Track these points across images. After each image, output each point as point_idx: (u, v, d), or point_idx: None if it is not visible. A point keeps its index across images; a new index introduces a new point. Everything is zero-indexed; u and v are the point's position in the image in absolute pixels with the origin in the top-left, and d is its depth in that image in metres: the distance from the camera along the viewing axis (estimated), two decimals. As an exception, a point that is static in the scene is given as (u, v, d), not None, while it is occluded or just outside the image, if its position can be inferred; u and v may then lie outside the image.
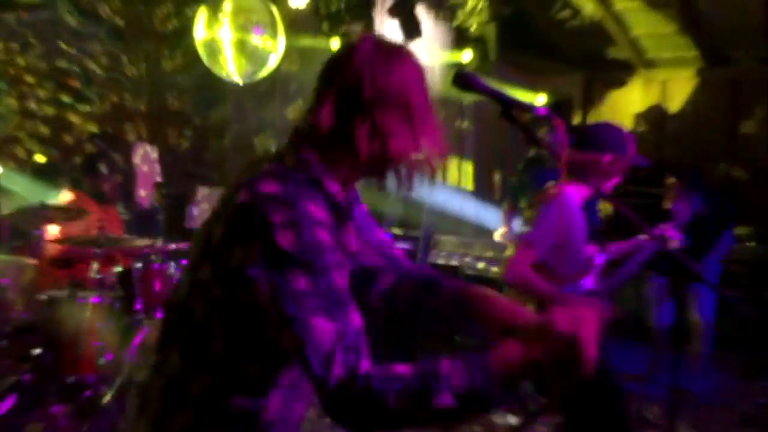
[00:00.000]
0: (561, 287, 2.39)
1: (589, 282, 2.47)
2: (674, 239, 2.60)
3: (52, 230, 3.99)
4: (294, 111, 7.01)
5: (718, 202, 4.15)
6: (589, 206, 2.54)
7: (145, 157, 6.21)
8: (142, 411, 1.26)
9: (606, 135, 2.49)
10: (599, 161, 2.42)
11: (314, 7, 5.90)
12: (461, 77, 1.44)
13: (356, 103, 1.17)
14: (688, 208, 2.75)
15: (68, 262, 3.97)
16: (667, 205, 4.05)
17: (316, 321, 1.03)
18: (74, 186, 4.25)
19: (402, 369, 1.03)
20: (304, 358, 1.03)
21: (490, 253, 4.38)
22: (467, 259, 4.42)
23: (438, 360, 1.04)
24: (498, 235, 4.55)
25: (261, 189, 1.11)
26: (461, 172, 6.51)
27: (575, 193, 2.46)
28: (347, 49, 1.23)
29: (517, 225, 4.67)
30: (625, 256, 2.61)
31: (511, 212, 4.65)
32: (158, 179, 6.11)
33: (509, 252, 2.32)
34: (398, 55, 1.22)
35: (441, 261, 4.62)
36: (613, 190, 2.53)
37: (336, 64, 1.22)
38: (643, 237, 2.62)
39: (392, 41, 1.26)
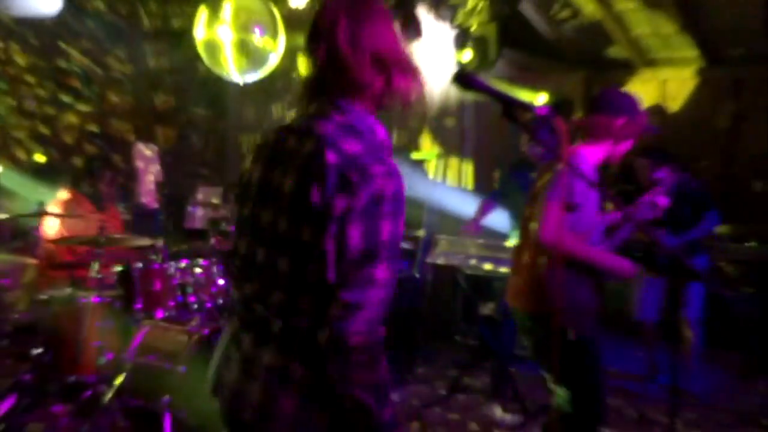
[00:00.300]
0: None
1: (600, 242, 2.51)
2: (662, 204, 2.66)
3: (50, 225, 3.98)
4: (279, 110, 7.01)
5: (692, 190, 4.16)
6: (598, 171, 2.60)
7: (145, 157, 6.21)
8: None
9: (620, 99, 2.56)
10: (612, 123, 2.49)
11: (314, 6, 5.91)
12: (462, 77, 1.45)
13: (356, 49, 1.33)
14: (672, 174, 2.78)
15: (68, 264, 3.96)
16: (643, 180, 4.09)
17: (381, 272, 1.22)
18: (74, 186, 4.23)
19: (384, 366, 1.25)
20: (355, 291, 1.21)
21: (489, 253, 4.37)
22: (467, 259, 4.41)
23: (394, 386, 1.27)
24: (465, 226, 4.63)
25: (347, 148, 1.26)
26: (461, 171, 6.51)
27: (589, 154, 2.52)
28: (324, 9, 1.39)
29: (491, 221, 4.69)
30: (618, 224, 2.67)
31: (487, 209, 4.67)
32: (158, 179, 6.12)
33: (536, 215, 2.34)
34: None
35: (441, 261, 4.61)
36: (625, 155, 2.59)
37: (322, 23, 1.38)
38: (633, 206, 2.69)
39: None
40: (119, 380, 3.24)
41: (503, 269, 4.18)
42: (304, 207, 1.25)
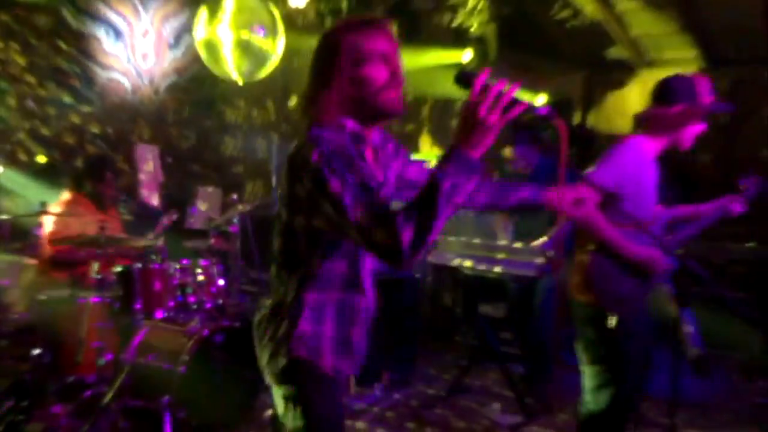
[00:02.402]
0: (626, 231, 2.44)
1: (653, 232, 2.52)
2: (737, 211, 2.74)
3: (49, 223, 3.97)
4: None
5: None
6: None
7: (145, 157, 6.21)
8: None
9: (674, 86, 2.51)
10: (667, 113, 2.47)
11: (314, 6, 5.91)
12: (463, 76, 1.45)
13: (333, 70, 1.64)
14: (757, 184, 2.81)
15: (68, 264, 3.95)
16: None
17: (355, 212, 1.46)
18: (77, 187, 4.20)
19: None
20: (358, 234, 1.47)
21: (489, 254, 4.36)
22: (467, 259, 4.41)
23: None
24: (502, 240, 4.50)
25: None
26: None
27: (648, 144, 2.51)
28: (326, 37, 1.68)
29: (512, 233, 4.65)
30: (688, 219, 2.69)
31: (507, 221, 4.59)
32: (159, 179, 6.12)
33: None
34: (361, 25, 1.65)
35: (441, 261, 4.61)
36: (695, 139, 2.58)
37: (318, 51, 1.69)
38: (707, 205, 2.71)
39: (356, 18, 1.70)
40: (119, 380, 3.24)
41: (503, 269, 4.18)
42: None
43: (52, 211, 3.96)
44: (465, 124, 1.43)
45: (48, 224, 3.99)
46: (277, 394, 1.71)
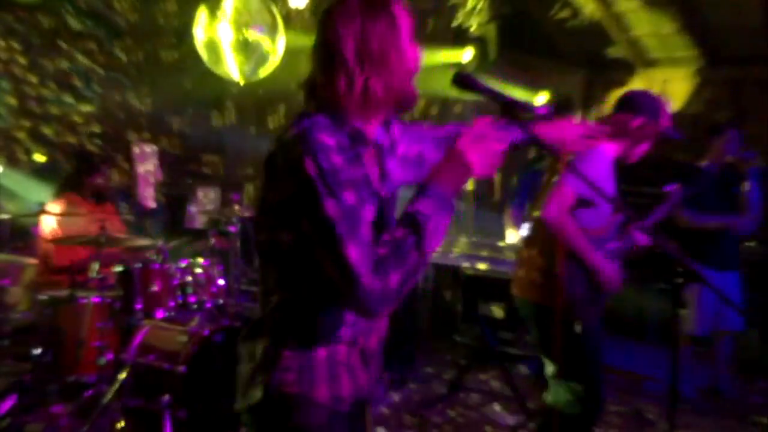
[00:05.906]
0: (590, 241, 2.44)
1: (611, 242, 2.53)
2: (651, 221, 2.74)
3: (48, 225, 3.95)
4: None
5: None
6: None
7: (145, 157, 6.20)
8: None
9: (640, 99, 2.58)
10: (627, 123, 2.51)
11: (315, 7, 5.90)
12: (461, 78, 1.45)
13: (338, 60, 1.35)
14: (680, 190, 2.86)
15: (68, 269, 3.94)
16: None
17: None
18: (66, 188, 4.16)
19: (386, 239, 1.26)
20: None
21: (489, 253, 4.37)
22: (466, 259, 4.42)
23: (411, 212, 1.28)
24: (515, 239, 4.46)
25: None
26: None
27: (611, 151, 2.54)
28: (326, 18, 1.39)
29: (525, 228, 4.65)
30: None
31: (518, 216, 4.57)
32: (158, 179, 6.11)
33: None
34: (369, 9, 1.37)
35: (441, 261, 4.62)
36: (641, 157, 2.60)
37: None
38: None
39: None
40: (119, 380, 3.24)
41: (502, 269, 4.19)
42: None
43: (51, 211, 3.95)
44: (448, 161, 1.32)
45: (46, 227, 3.96)
46: None
